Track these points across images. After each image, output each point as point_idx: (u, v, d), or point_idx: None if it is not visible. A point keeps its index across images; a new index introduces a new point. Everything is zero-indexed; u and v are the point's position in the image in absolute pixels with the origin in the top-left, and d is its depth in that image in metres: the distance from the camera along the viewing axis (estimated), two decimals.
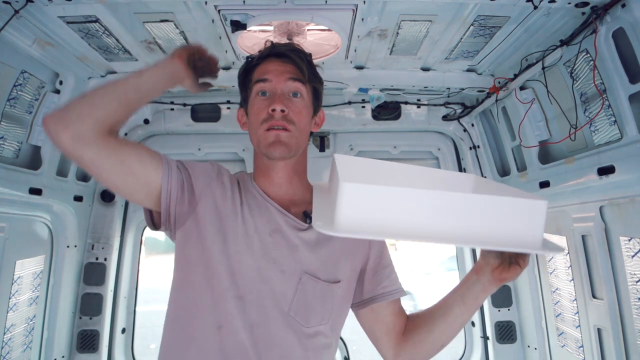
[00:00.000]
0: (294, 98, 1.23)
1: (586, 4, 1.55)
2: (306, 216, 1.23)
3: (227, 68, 2.25)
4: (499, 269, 1.02)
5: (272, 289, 1.14)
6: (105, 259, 2.58)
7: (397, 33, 1.90)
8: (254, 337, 1.11)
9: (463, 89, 2.42)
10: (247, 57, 1.33)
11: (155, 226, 1.22)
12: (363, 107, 2.73)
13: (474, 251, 2.74)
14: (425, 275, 8.90)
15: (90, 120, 1.01)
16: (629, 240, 1.72)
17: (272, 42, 1.31)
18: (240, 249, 1.12)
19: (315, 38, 2.07)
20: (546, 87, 1.95)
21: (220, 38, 1.90)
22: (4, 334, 1.97)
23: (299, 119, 1.21)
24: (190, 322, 1.14)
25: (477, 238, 0.87)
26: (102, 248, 2.58)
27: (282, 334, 1.13)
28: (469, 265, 2.77)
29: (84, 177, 2.51)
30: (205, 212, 1.17)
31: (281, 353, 1.13)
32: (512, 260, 1.01)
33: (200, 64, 1.28)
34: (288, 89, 1.23)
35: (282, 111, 1.18)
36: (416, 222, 0.85)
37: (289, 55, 1.25)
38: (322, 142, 2.80)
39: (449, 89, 2.44)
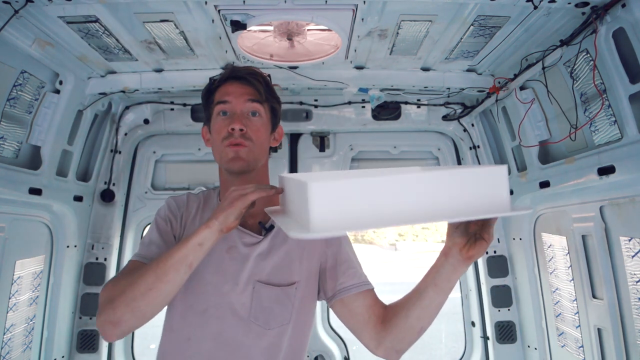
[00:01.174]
0: (253, 117, 1.35)
1: (586, 4, 1.55)
2: (261, 226, 1.35)
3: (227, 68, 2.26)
4: (466, 247, 1.05)
5: (230, 300, 1.27)
6: (105, 259, 2.58)
7: (397, 33, 1.90)
8: (219, 344, 1.25)
9: (463, 89, 2.42)
10: (210, 79, 1.43)
11: None
12: (363, 107, 2.74)
13: None
14: None
15: (139, 322, 1.14)
16: (629, 240, 1.72)
17: (232, 65, 1.40)
18: (199, 268, 1.18)
19: (315, 38, 2.07)
20: (546, 87, 1.96)
21: (220, 38, 1.90)
22: (4, 334, 1.97)
23: (257, 136, 1.33)
24: (167, 337, 1.31)
25: (449, 212, 0.89)
26: (102, 248, 2.59)
27: (244, 338, 1.26)
28: None
29: (84, 177, 2.51)
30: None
31: (245, 355, 1.26)
32: (477, 237, 1.04)
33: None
34: (247, 109, 1.34)
35: (241, 130, 1.30)
36: (387, 208, 0.87)
37: (246, 78, 1.36)
38: (322, 142, 2.80)
39: (449, 89, 2.44)
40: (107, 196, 2.62)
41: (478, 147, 2.73)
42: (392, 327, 1.24)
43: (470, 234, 1.05)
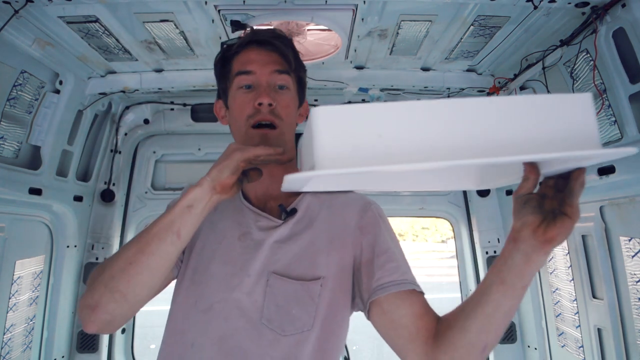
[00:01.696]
0: (281, 91, 1.13)
1: (586, 4, 1.55)
2: (282, 209, 1.13)
3: None
4: (542, 227, 0.75)
5: (239, 297, 1.04)
6: (105, 259, 2.58)
7: (397, 33, 1.90)
8: (223, 351, 1.02)
9: (463, 89, 2.42)
10: (223, 44, 1.19)
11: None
12: None
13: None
14: None
15: (120, 308, 0.96)
16: (629, 240, 1.72)
17: (252, 27, 1.20)
18: (205, 258, 1.05)
19: (315, 38, 2.07)
20: (546, 87, 1.95)
21: (220, 38, 1.90)
22: (4, 334, 1.97)
23: (286, 113, 1.11)
24: (168, 340, 1.11)
25: (512, 148, 0.63)
26: (102, 248, 2.59)
27: (253, 345, 1.01)
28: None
29: (84, 177, 2.51)
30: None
31: None
32: (557, 212, 0.74)
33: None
34: (274, 81, 1.12)
35: (270, 105, 1.08)
36: (422, 139, 0.64)
37: (272, 43, 1.13)
38: None
39: (449, 89, 2.43)
40: (107, 196, 2.62)
41: None
42: (447, 345, 0.93)
43: (547, 211, 0.76)
